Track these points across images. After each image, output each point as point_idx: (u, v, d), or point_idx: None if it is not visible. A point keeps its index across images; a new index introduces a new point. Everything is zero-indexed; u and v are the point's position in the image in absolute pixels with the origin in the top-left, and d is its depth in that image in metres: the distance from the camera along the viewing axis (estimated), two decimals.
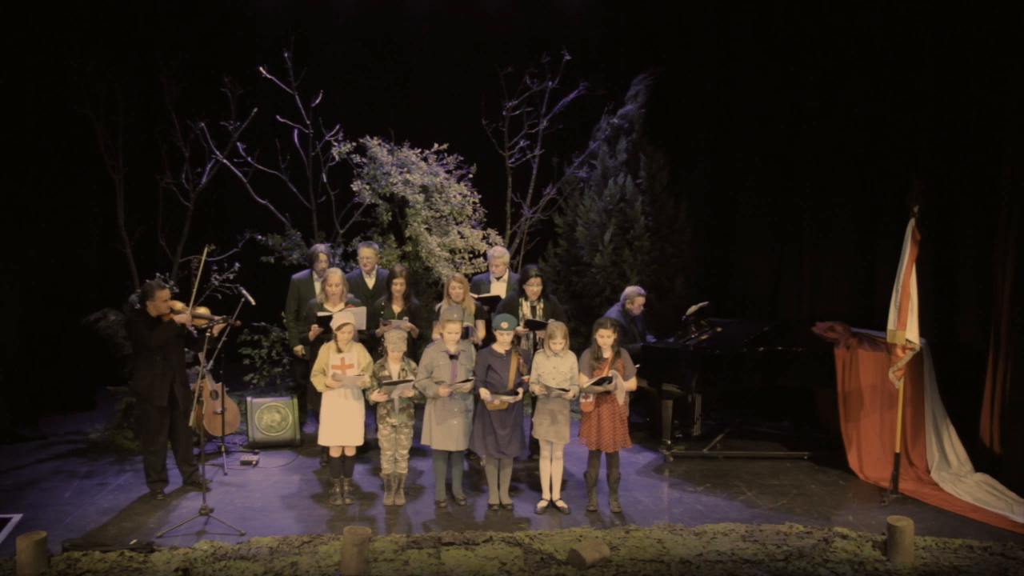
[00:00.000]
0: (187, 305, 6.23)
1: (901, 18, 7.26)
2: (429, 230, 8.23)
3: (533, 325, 6.58)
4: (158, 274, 7.61)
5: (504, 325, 5.85)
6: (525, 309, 6.69)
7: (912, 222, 6.03)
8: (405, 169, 8.16)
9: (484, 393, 5.74)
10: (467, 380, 5.78)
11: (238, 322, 6.57)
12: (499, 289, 7.14)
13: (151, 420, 6.09)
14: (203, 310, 6.34)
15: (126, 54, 8.16)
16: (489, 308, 6.90)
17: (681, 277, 8.71)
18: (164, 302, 6.07)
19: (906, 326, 6.06)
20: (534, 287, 6.66)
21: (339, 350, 5.99)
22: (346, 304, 6.67)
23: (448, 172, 8.40)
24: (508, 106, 8.72)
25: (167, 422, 6.16)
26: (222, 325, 6.35)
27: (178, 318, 6.10)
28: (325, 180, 8.40)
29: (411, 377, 5.91)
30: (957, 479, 6.43)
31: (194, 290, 6.37)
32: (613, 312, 7.41)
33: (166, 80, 7.90)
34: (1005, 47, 6.41)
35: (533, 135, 8.87)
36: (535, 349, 6.47)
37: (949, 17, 6.87)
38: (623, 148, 8.83)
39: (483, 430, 5.85)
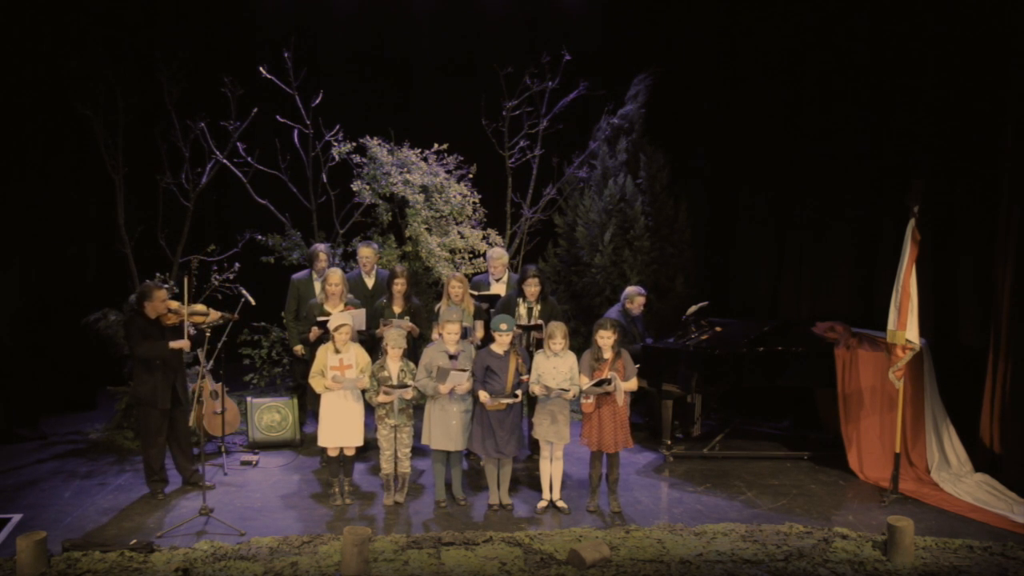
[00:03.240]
0: (183, 304, 6.19)
1: (901, 17, 7.26)
2: (429, 230, 8.23)
3: (525, 327, 6.58)
4: (158, 274, 7.61)
5: (503, 327, 5.84)
6: (522, 310, 6.69)
7: (912, 222, 6.03)
8: (405, 169, 8.16)
9: (483, 395, 5.74)
10: (463, 370, 5.76)
11: (236, 316, 6.56)
12: (498, 290, 7.14)
13: (152, 421, 6.09)
14: (199, 307, 6.29)
15: (126, 54, 8.15)
16: (488, 307, 6.90)
17: (681, 277, 8.71)
18: (162, 302, 6.05)
19: (906, 326, 6.06)
20: (532, 288, 6.65)
21: (337, 351, 5.98)
22: (346, 304, 6.67)
23: (448, 172, 8.40)
24: (508, 106, 8.72)
25: (167, 423, 6.16)
26: (217, 319, 6.30)
27: (168, 319, 6.07)
28: (325, 180, 8.40)
29: (410, 379, 5.90)
30: (957, 479, 6.43)
31: (186, 290, 6.27)
32: (613, 312, 7.41)
33: (166, 80, 7.90)
34: (1005, 46, 6.41)
35: (533, 135, 8.87)
36: (529, 350, 6.47)
37: (949, 16, 6.87)
38: (623, 148, 8.83)
39: (482, 431, 5.85)
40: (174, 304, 6.17)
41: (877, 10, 7.45)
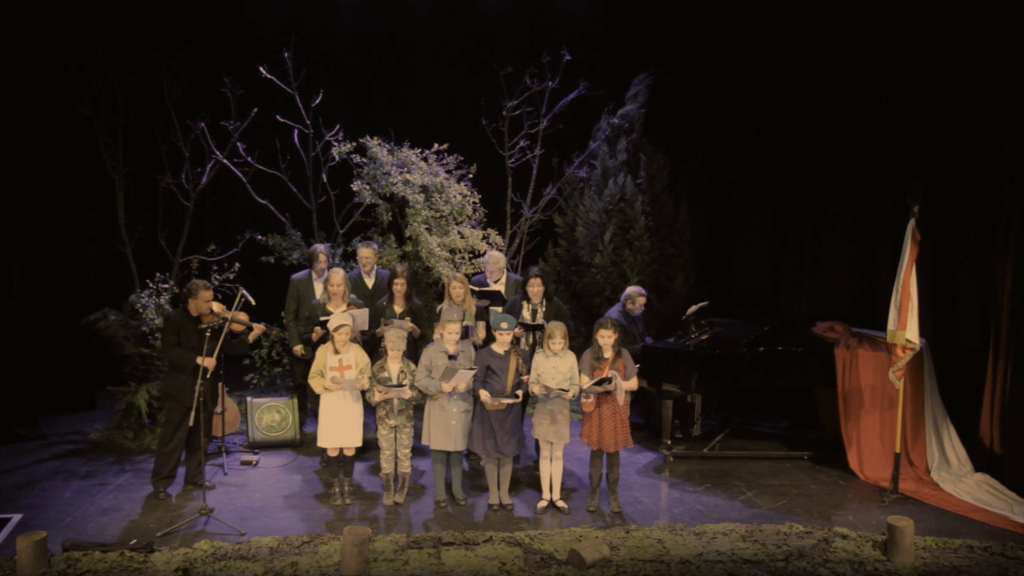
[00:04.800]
0: (228, 308, 6.20)
1: (901, 17, 7.26)
2: (429, 230, 8.23)
3: (528, 327, 6.58)
4: (158, 275, 7.60)
5: (504, 325, 5.85)
6: (526, 312, 6.69)
7: (912, 222, 6.03)
8: (405, 169, 8.16)
9: (484, 395, 5.75)
10: (471, 368, 5.78)
11: (274, 331, 6.58)
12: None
13: (175, 417, 6.09)
14: (243, 315, 6.30)
15: (126, 54, 8.16)
16: (489, 303, 6.89)
17: (681, 277, 8.71)
18: (206, 302, 6.09)
19: (906, 326, 6.06)
20: (535, 288, 6.65)
21: (336, 351, 5.98)
22: (349, 305, 6.66)
23: (448, 172, 8.40)
24: (508, 106, 8.73)
25: (188, 422, 6.12)
26: (259, 331, 6.35)
27: (209, 319, 6.07)
28: (325, 180, 8.40)
29: (410, 379, 5.90)
30: (957, 479, 6.43)
31: (237, 300, 6.23)
32: (614, 312, 7.41)
33: (166, 80, 7.90)
34: (1005, 46, 6.41)
35: (533, 135, 8.87)
36: (533, 350, 6.47)
37: (949, 16, 6.87)
38: (623, 148, 8.83)
39: (482, 431, 5.85)
40: (218, 306, 6.21)
41: (877, 10, 7.45)
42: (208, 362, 5.91)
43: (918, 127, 7.26)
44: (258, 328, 6.38)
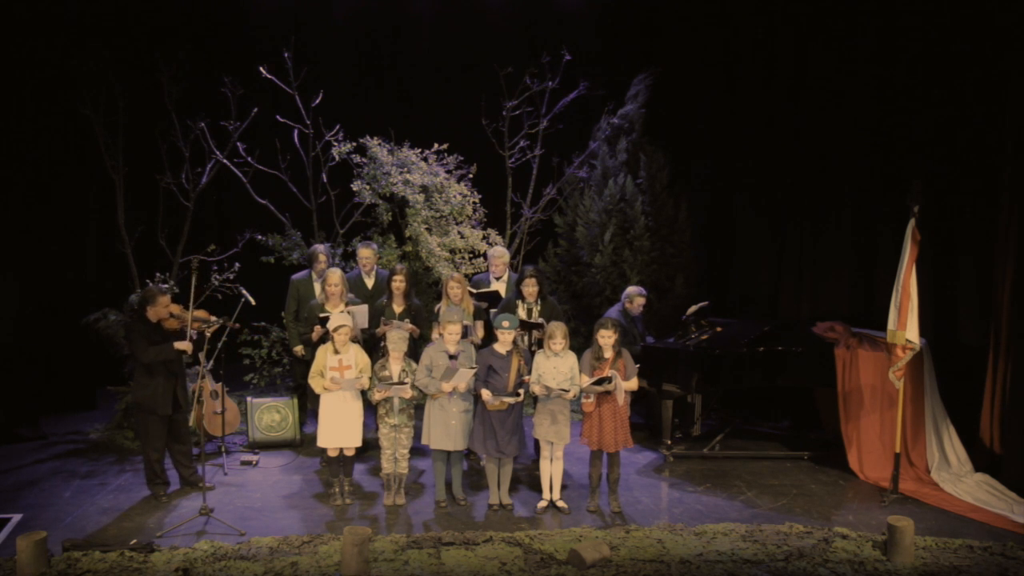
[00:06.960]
0: (185, 308, 6.18)
1: (902, 17, 7.26)
2: (429, 230, 8.23)
3: (526, 326, 6.58)
4: (158, 274, 7.60)
5: (505, 324, 5.84)
6: (521, 311, 6.68)
7: (912, 222, 6.03)
8: (405, 169, 8.16)
9: (485, 394, 5.75)
10: (471, 367, 5.78)
11: (236, 324, 6.56)
12: (498, 289, 7.14)
13: (151, 426, 6.07)
14: (200, 313, 6.28)
15: (126, 54, 8.16)
16: (487, 304, 6.90)
17: (681, 277, 8.71)
18: (165, 307, 6.03)
19: (906, 326, 6.06)
20: (530, 288, 6.65)
21: (336, 351, 5.98)
22: (347, 304, 6.66)
23: (448, 172, 8.40)
24: (508, 106, 8.73)
25: (166, 427, 6.13)
26: (217, 326, 6.30)
27: (170, 323, 6.05)
28: (325, 180, 8.40)
29: (410, 378, 5.90)
30: (957, 479, 6.43)
31: (192, 293, 6.26)
32: (613, 312, 7.41)
33: (166, 80, 7.91)
34: (1005, 46, 6.41)
35: (533, 135, 8.88)
36: (531, 349, 6.47)
37: (950, 16, 6.87)
38: (623, 148, 8.84)
39: (483, 430, 5.85)
40: (176, 308, 6.16)
41: (877, 11, 7.45)
42: (186, 345, 5.96)
43: (918, 127, 7.25)
44: (215, 326, 6.27)
